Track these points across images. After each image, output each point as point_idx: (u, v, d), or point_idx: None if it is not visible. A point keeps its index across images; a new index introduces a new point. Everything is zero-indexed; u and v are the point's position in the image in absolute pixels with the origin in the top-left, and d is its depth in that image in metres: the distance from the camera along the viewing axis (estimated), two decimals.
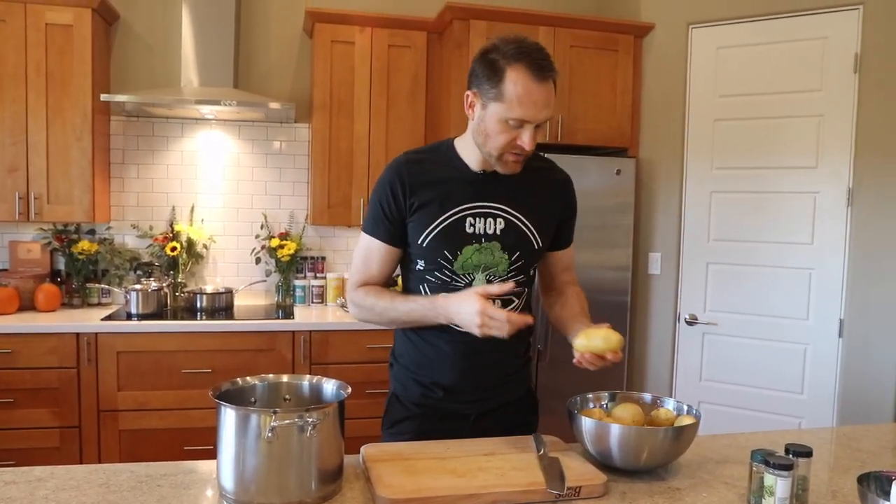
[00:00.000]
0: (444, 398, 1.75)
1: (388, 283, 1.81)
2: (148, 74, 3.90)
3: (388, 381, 1.87)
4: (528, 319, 1.51)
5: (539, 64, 1.55)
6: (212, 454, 1.39)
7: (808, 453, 1.33)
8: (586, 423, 1.47)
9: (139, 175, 3.94)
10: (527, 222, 1.72)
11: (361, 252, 1.76)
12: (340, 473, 1.39)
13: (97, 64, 3.57)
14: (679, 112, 3.65)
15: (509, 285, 1.52)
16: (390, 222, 1.71)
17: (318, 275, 4.06)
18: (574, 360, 1.58)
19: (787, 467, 1.26)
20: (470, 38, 3.53)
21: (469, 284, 1.67)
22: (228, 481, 1.30)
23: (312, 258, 4.09)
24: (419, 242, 1.69)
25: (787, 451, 1.34)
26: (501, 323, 1.48)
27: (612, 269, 3.70)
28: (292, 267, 3.98)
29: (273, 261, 4.00)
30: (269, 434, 1.25)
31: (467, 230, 1.68)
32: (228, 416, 1.29)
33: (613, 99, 3.76)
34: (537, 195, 1.75)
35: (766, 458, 1.28)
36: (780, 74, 3.36)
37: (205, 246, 4.01)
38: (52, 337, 3.23)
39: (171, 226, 3.93)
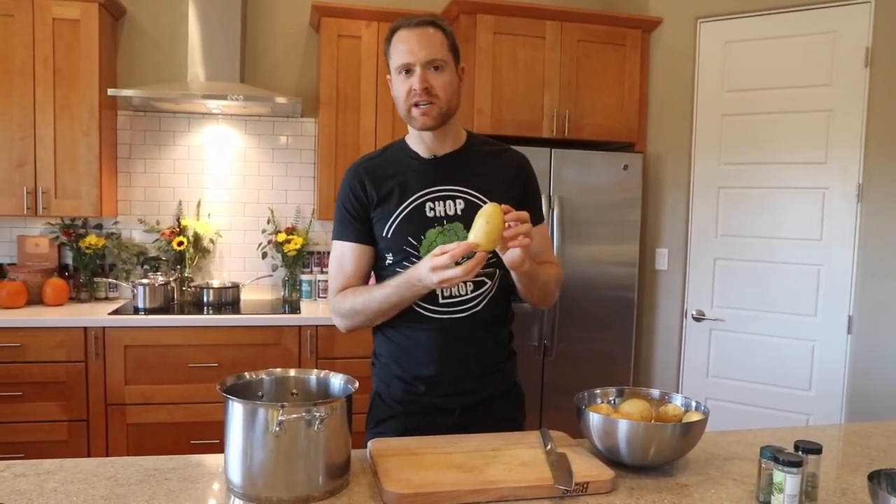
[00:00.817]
0: (427, 392, 1.73)
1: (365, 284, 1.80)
2: (155, 69, 3.91)
3: (371, 380, 1.86)
4: (471, 246, 1.45)
5: (412, 20, 1.66)
6: (218, 448, 1.39)
7: (817, 450, 1.32)
8: (594, 419, 1.46)
9: (146, 169, 3.94)
10: (486, 200, 1.70)
11: (335, 259, 1.78)
12: (348, 468, 1.39)
13: (104, 59, 3.58)
14: (687, 107, 3.64)
15: (466, 244, 1.46)
16: (357, 220, 1.74)
17: (324, 269, 4.06)
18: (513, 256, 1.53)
19: (797, 464, 1.25)
20: (477, 32, 3.52)
21: None
22: (236, 475, 1.30)
23: (319, 253, 4.09)
24: (384, 235, 1.71)
25: (796, 447, 1.33)
26: (447, 265, 1.46)
27: (618, 265, 3.69)
28: (298, 262, 3.98)
29: (279, 255, 4.01)
30: (277, 428, 1.25)
31: (428, 214, 1.70)
32: (236, 411, 1.29)
33: (621, 94, 3.74)
34: (493, 175, 1.77)
35: (775, 455, 1.27)
36: (790, 69, 3.35)
37: (211, 240, 4.02)
38: (60, 331, 3.25)
39: (178, 220, 3.94)
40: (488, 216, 1.46)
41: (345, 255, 1.76)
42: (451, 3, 3.55)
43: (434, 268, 1.48)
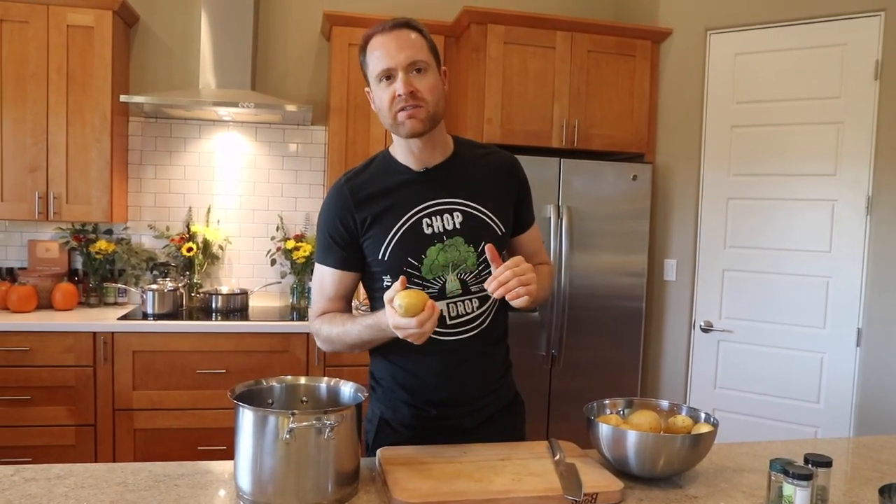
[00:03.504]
0: (439, 416, 1.69)
1: (348, 310, 1.74)
2: (166, 76, 3.94)
3: (370, 404, 1.78)
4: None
5: (386, 25, 1.57)
6: (225, 455, 1.39)
7: (827, 463, 1.32)
8: (603, 429, 1.46)
9: (157, 176, 3.97)
10: (484, 210, 1.67)
11: (316, 282, 1.72)
12: (357, 476, 1.39)
13: (117, 65, 3.60)
14: (696, 118, 3.64)
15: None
16: (341, 248, 1.66)
17: None
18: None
19: (807, 477, 1.25)
20: (487, 42, 3.53)
21: (442, 289, 1.63)
22: (246, 482, 1.30)
23: None
24: (380, 257, 1.63)
25: (806, 460, 1.33)
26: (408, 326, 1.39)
27: (627, 275, 3.69)
28: (307, 269, 3.99)
29: (288, 262, 4.02)
30: (287, 436, 1.25)
31: (426, 231, 1.62)
32: (247, 418, 1.30)
33: (630, 104, 3.74)
34: (487, 181, 1.71)
35: (785, 468, 1.27)
36: (799, 81, 3.34)
37: (220, 247, 4.04)
38: (69, 335, 3.26)
39: (188, 226, 3.96)
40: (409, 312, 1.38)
41: (325, 280, 1.69)
42: (461, 13, 3.56)
43: (396, 326, 1.41)
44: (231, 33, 3.70)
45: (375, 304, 1.73)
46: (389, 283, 1.63)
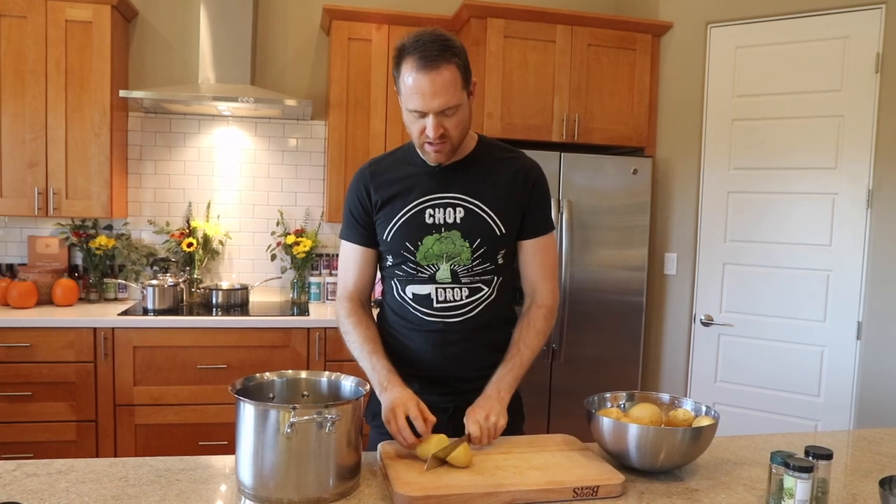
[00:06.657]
0: (420, 391, 1.68)
1: (369, 288, 1.87)
2: (166, 71, 3.93)
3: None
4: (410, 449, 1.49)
5: (424, 54, 1.54)
6: (226, 450, 1.39)
7: (828, 456, 1.32)
8: (604, 423, 1.46)
9: (156, 171, 3.96)
10: (487, 210, 1.73)
11: (342, 258, 1.86)
12: (358, 470, 1.39)
13: (116, 60, 3.60)
14: (697, 111, 3.63)
15: (410, 445, 1.49)
16: (361, 226, 1.80)
17: (333, 272, 4.07)
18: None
19: (808, 469, 1.25)
20: (487, 36, 3.53)
21: (433, 275, 1.72)
22: (247, 476, 1.30)
23: (328, 255, 4.10)
24: (384, 238, 1.76)
25: (806, 453, 1.33)
26: (396, 428, 1.50)
27: (627, 269, 3.68)
28: (307, 264, 3.99)
29: (288, 257, 4.02)
30: (289, 430, 1.25)
31: (427, 221, 1.72)
32: (248, 412, 1.30)
33: (631, 98, 3.74)
34: (498, 183, 1.75)
35: (786, 460, 1.27)
36: (800, 74, 3.34)
37: (221, 242, 4.03)
38: (70, 331, 3.26)
39: (188, 222, 3.95)
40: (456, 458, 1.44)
41: (349, 255, 1.83)
42: (461, 7, 3.55)
43: (386, 421, 1.54)
44: (230, 28, 3.69)
45: (384, 283, 1.85)
46: (391, 263, 1.78)
